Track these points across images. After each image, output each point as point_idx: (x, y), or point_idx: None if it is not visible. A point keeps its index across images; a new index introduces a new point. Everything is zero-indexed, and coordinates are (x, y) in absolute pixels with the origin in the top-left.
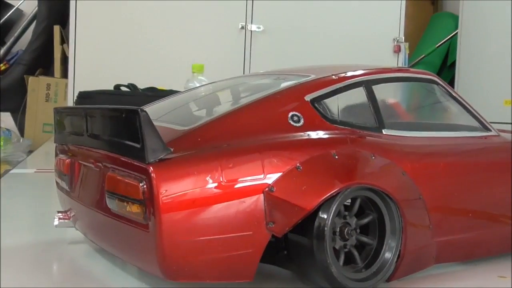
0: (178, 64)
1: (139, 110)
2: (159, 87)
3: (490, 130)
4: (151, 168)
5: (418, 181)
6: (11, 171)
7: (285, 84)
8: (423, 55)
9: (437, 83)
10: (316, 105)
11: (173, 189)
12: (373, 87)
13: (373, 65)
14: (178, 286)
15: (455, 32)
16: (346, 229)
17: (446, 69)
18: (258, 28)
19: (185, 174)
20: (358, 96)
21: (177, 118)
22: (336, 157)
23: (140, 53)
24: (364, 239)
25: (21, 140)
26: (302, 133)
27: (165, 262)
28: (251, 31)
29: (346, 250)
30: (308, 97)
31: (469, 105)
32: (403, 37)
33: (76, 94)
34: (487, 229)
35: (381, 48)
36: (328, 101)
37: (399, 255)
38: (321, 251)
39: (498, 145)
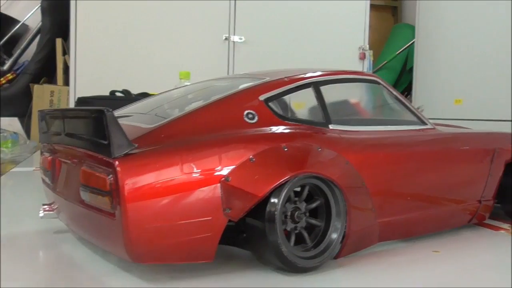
0: (168, 71)
1: (105, 110)
2: (151, 92)
3: (426, 124)
4: (116, 162)
5: (361, 170)
6: (12, 170)
7: (243, 86)
8: (386, 61)
9: (379, 83)
10: (269, 104)
11: (137, 181)
12: (321, 87)
13: (323, 68)
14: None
15: (412, 41)
16: (296, 213)
17: (406, 73)
18: (240, 39)
19: (148, 167)
20: (307, 95)
21: (145, 117)
22: (286, 149)
23: (134, 62)
24: (313, 221)
25: (28, 142)
26: (256, 129)
27: (131, 246)
28: (234, 42)
29: (296, 231)
30: (262, 97)
31: (407, 102)
32: (368, 46)
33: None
34: (424, 210)
35: (349, 55)
36: (280, 100)
37: (344, 235)
38: (273, 232)
39: (433, 137)
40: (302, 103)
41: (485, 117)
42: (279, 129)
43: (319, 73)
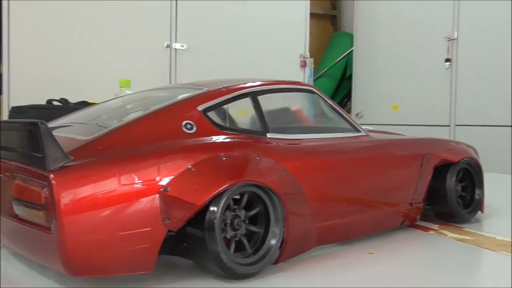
0: (108, 79)
1: (39, 122)
2: (91, 100)
3: (360, 131)
4: (51, 175)
5: (298, 177)
6: None
7: (181, 96)
8: (326, 69)
9: (315, 93)
10: (207, 114)
11: (73, 194)
12: (259, 97)
13: (262, 78)
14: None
15: (351, 49)
16: (236, 220)
17: (345, 80)
18: (182, 46)
19: (84, 179)
20: (245, 105)
21: (83, 128)
22: (224, 158)
23: (72, 69)
24: (252, 228)
25: None
26: (194, 139)
27: (68, 260)
28: (176, 49)
29: (236, 239)
30: (200, 107)
31: (342, 110)
32: (308, 54)
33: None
34: (359, 214)
35: (290, 63)
36: (218, 110)
37: (283, 240)
38: (212, 241)
39: (366, 144)
40: (240, 113)
41: (420, 122)
42: (218, 138)
43: (256, 83)
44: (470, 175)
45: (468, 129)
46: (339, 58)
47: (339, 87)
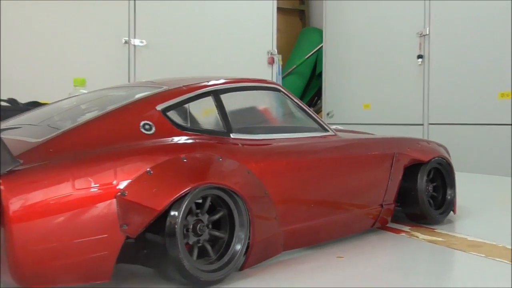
0: (62, 78)
1: None
2: (42, 101)
3: (328, 131)
4: None
5: (263, 178)
6: None
7: (139, 95)
8: (295, 66)
9: (281, 91)
10: (167, 113)
11: (23, 200)
12: (222, 96)
13: (225, 76)
14: None
15: (320, 45)
16: (199, 225)
17: (315, 78)
18: (141, 42)
19: (35, 184)
20: (207, 104)
21: (34, 130)
22: (185, 160)
23: (21, 67)
24: (216, 233)
25: None
26: (153, 140)
27: (18, 269)
28: (134, 45)
29: (199, 244)
30: (159, 107)
31: (309, 109)
32: (276, 50)
33: None
34: (328, 216)
35: (257, 60)
36: (178, 109)
37: (248, 245)
38: (174, 247)
39: (334, 144)
40: (203, 112)
41: (393, 121)
42: (178, 139)
43: (219, 81)
44: (441, 175)
45: (442, 128)
46: (308, 55)
47: (309, 85)
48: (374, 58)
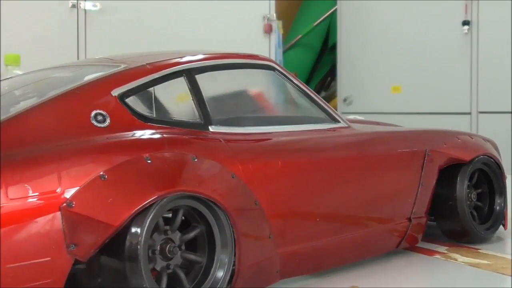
0: None
1: None
2: None
3: (339, 121)
4: None
5: (252, 185)
6: None
7: (89, 77)
8: (300, 36)
9: (275, 69)
10: (126, 100)
11: None
12: (197, 76)
13: (203, 51)
14: None
15: (334, 8)
16: (168, 246)
17: (328, 52)
18: (94, 6)
19: None
20: (179, 88)
21: None
22: (150, 161)
23: None
24: (191, 256)
25: None
26: (108, 135)
27: None
28: (85, 10)
29: (170, 271)
30: (115, 92)
31: (313, 93)
32: (275, 15)
33: None
34: (339, 234)
35: (250, 28)
36: (141, 95)
37: (234, 272)
38: (136, 274)
39: (347, 139)
40: (176, 99)
41: (432, 109)
42: (141, 134)
43: (194, 57)
44: (488, 179)
45: (495, 118)
46: (318, 21)
47: (319, 62)
48: (406, 26)
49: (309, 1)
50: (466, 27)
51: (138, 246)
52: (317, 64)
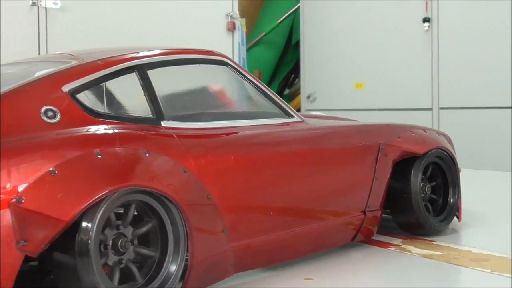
0: None
1: None
2: None
3: (293, 116)
4: None
5: (205, 179)
6: None
7: (40, 73)
8: (263, 34)
9: (228, 65)
10: (77, 96)
11: None
12: (149, 72)
13: (156, 47)
14: None
15: (297, 6)
16: (121, 241)
17: (291, 49)
18: (55, 4)
19: None
20: (131, 83)
21: None
22: (100, 156)
23: None
24: (144, 251)
25: None
26: (58, 131)
27: None
28: (46, 8)
29: (122, 265)
30: (66, 88)
31: (267, 89)
32: (238, 12)
33: None
34: (293, 228)
35: (213, 26)
36: (92, 91)
37: (187, 266)
38: (87, 269)
39: (301, 133)
40: (129, 95)
41: (394, 105)
42: (91, 129)
43: (146, 52)
44: (442, 172)
45: (457, 113)
46: (281, 18)
47: (283, 59)
48: (368, 23)
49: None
50: (426, 24)
51: (89, 241)
52: (281, 62)
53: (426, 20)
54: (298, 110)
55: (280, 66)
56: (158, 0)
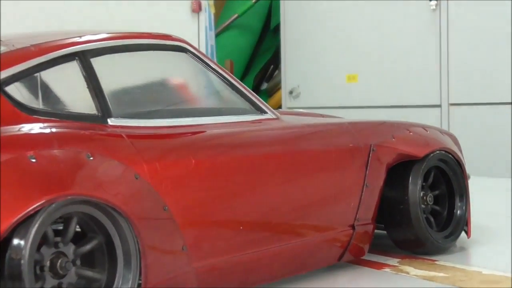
0: None
1: None
2: None
3: (266, 112)
4: None
5: (160, 187)
6: None
7: None
8: (235, 16)
9: (188, 51)
10: (5, 89)
11: None
12: (93, 60)
13: (102, 30)
14: None
15: None
16: (60, 261)
17: (270, 34)
18: None
19: None
20: (71, 73)
21: None
22: (34, 160)
23: None
24: (88, 273)
25: None
26: None
27: None
28: None
29: None
30: None
31: (235, 79)
32: None
33: None
34: (267, 245)
35: (174, 6)
36: (25, 82)
37: None
38: None
39: (276, 132)
40: (65, 87)
41: (394, 102)
42: (24, 129)
43: (90, 37)
44: (447, 179)
45: (469, 110)
46: None
47: (260, 46)
48: (364, 2)
49: None
50: (433, 2)
51: (22, 261)
52: (257, 50)
53: None
54: (279, 108)
55: (257, 55)
56: None
